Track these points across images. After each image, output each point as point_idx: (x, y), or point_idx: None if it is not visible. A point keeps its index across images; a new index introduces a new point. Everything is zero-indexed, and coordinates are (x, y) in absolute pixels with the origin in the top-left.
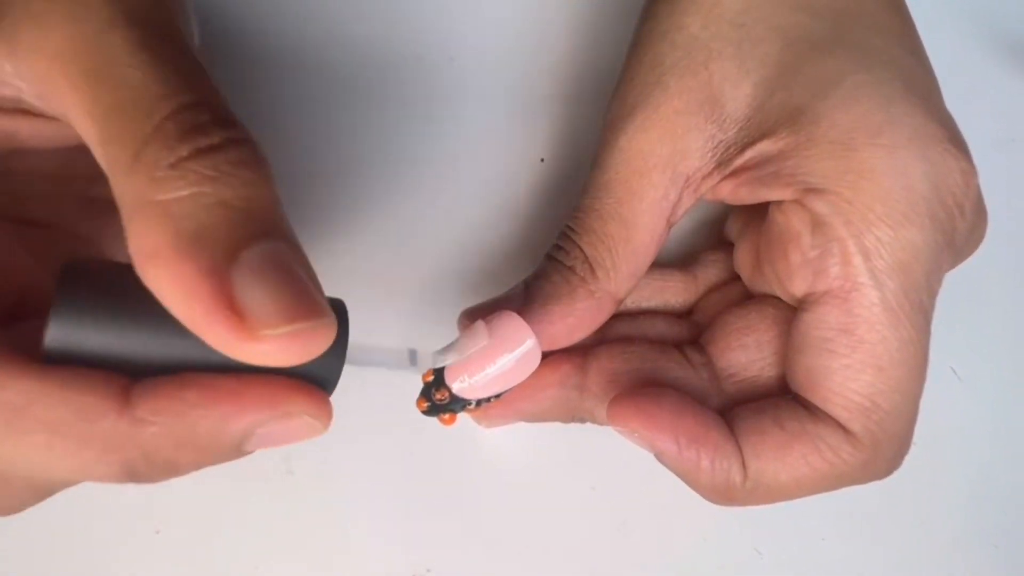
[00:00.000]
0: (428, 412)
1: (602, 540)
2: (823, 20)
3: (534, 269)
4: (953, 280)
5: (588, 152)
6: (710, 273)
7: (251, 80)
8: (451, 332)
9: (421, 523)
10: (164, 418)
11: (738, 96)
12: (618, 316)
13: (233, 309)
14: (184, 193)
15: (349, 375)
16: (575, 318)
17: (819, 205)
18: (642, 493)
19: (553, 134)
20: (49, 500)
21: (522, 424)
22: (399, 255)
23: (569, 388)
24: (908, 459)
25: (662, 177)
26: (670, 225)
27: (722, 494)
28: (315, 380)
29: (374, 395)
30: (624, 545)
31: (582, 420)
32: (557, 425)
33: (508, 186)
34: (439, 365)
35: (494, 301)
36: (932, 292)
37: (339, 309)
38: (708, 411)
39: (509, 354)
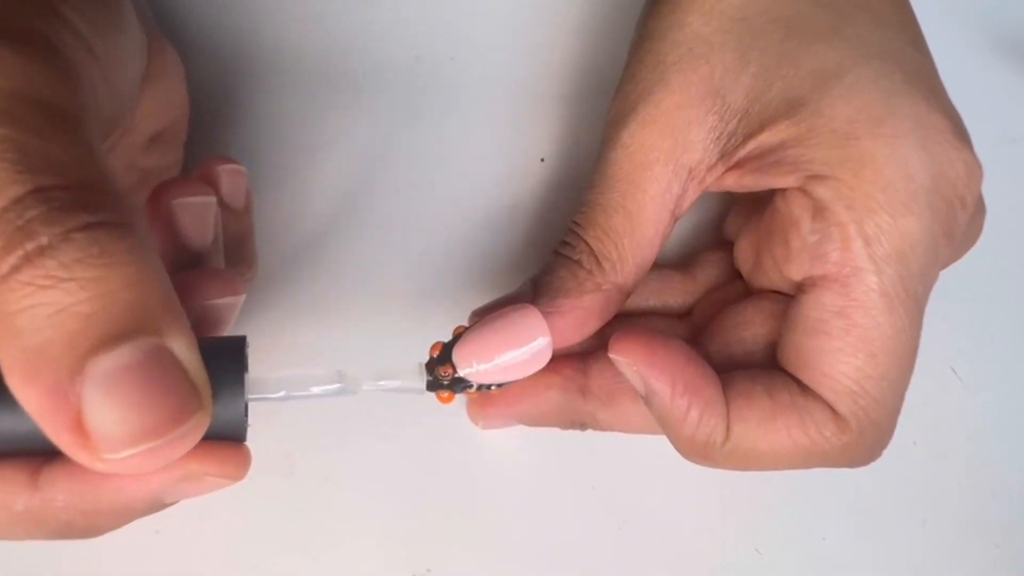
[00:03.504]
0: (428, 387)
1: (602, 540)
2: (824, 10)
3: (541, 267)
4: (953, 279)
5: (588, 152)
6: (709, 273)
7: (249, 82)
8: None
9: (421, 523)
10: (67, 496)
11: (738, 87)
12: (618, 318)
13: (78, 431)
14: (23, 305)
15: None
16: (583, 311)
17: (821, 191)
18: (642, 493)
19: (553, 134)
20: None
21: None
22: (398, 255)
23: (571, 391)
24: (908, 459)
25: (664, 170)
26: (675, 218)
27: (699, 451)
28: (222, 433)
29: (374, 395)
30: (624, 545)
31: (582, 426)
32: None
33: (508, 186)
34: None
35: (503, 299)
36: (927, 283)
37: (235, 353)
38: (710, 368)
39: (523, 347)
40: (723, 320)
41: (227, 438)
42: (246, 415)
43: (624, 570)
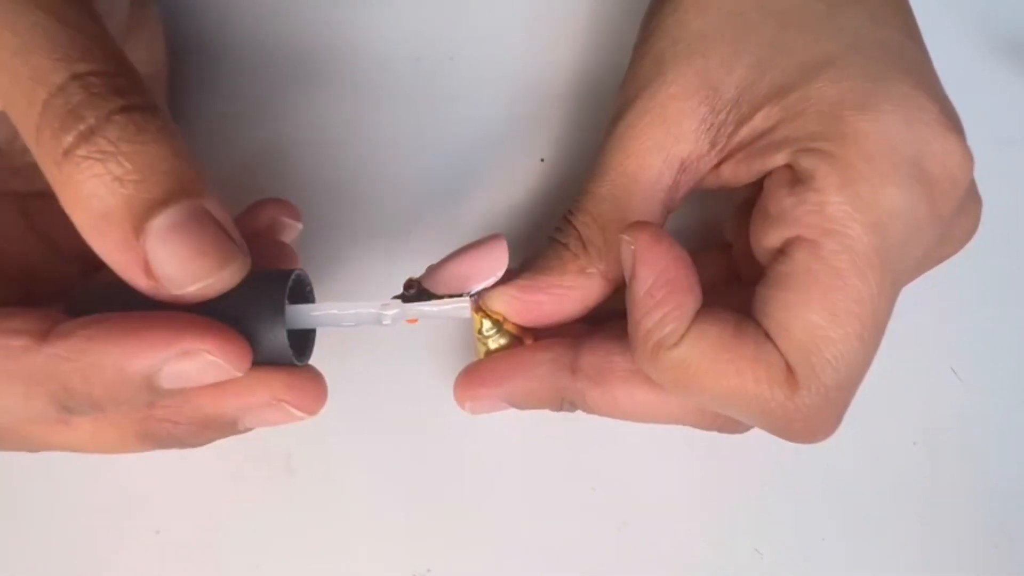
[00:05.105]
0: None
1: (602, 540)
2: (818, 3)
3: None
4: (953, 279)
5: (588, 152)
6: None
7: (248, 82)
8: (450, 331)
9: (421, 523)
10: (72, 354)
11: (730, 80)
12: (614, 316)
13: (149, 274)
14: (84, 176)
15: (350, 377)
16: (563, 289)
17: (804, 161)
18: (642, 493)
19: (553, 134)
20: (49, 500)
21: (522, 423)
22: (399, 255)
23: (561, 368)
24: (908, 459)
25: (655, 160)
26: (668, 210)
27: (649, 349)
28: (276, 351)
29: (374, 396)
30: (624, 545)
31: (572, 406)
32: (557, 425)
33: (508, 186)
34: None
35: None
36: (906, 257)
37: (279, 283)
38: (699, 289)
39: (476, 248)
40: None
41: (277, 362)
42: (310, 340)
43: (624, 570)
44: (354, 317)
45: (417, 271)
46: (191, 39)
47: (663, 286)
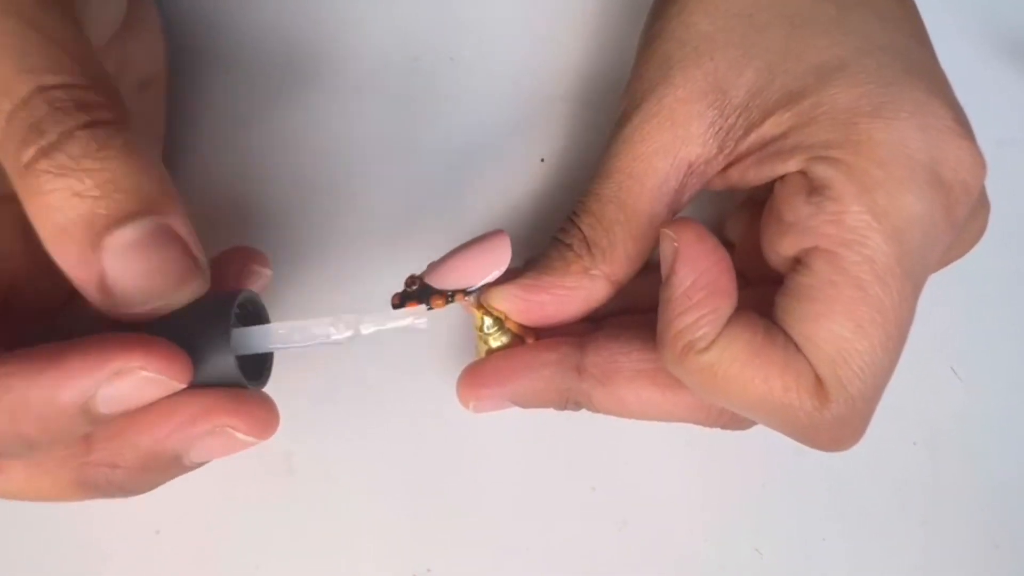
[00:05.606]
0: (399, 305)
1: (602, 540)
2: (827, 5)
3: None
4: (954, 279)
5: (588, 152)
6: None
7: (249, 82)
8: (450, 330)
9: (421, 523)
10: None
11: (740, 83)
12: (616, 315)
13: (104, 290)
14: (46, 189)
15: (350, 376)
16: (566, 290)
17: (819, 169)
18: (642, 493)
19: (553, 134)
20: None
21: (522, 423)
22: (398, 255)
23: (567, 368)
24: (908, 459)
25: (663, 163)
26: (673, 212)
27: (679, 350)
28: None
29: (374, 396)
30: (624, 545)
31: (576, 406)
32: (557, 424)
33: (508, 186)
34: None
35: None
36: (925, 264)
37: (224, 305)
38: (736, 292)
39: (478, 243)
40: None
41: (228, 385)
42: (268, 363)
43: (624, 570)
44: (305, 337)
45: (417, 272)
46: (191, 39)
47: (702, 288)
